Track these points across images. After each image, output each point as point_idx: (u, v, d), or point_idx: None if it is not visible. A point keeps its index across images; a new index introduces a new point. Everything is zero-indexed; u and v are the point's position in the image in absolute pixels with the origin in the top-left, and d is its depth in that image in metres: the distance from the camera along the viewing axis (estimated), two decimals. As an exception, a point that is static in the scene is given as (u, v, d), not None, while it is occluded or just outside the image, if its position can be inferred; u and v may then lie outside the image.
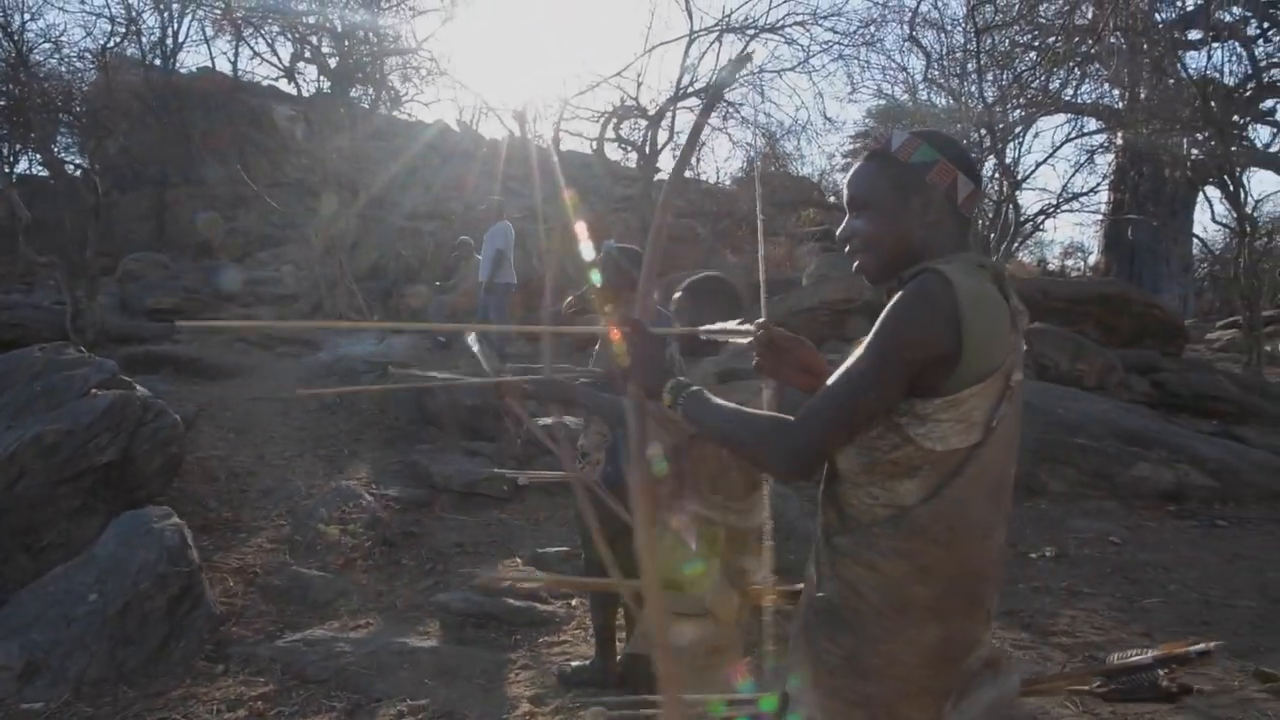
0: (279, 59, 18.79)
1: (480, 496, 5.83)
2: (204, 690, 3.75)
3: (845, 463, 1.48)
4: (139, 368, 8.04)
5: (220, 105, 16.93)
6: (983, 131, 12.43)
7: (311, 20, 14.39)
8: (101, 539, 4.44)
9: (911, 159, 1.48)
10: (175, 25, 13.72)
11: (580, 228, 1.95)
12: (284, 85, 20.15)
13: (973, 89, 13.21)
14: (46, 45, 12.15)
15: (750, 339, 1.90)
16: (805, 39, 12.28)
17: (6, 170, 12.69)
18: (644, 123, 13.91)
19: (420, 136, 15.95)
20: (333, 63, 19.04)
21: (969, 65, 13.33)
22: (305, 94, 16.83)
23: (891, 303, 1.39)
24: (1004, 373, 1.40)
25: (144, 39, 12.74)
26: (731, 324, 2.30)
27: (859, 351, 1.41)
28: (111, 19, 12.07)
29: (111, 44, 13.33)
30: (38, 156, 13.76)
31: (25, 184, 14.97)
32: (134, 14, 12.43)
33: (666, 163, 14.89)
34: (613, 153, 15.41)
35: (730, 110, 13.73)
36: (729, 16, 12.41)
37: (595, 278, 3.25)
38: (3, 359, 6.42)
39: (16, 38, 9.72)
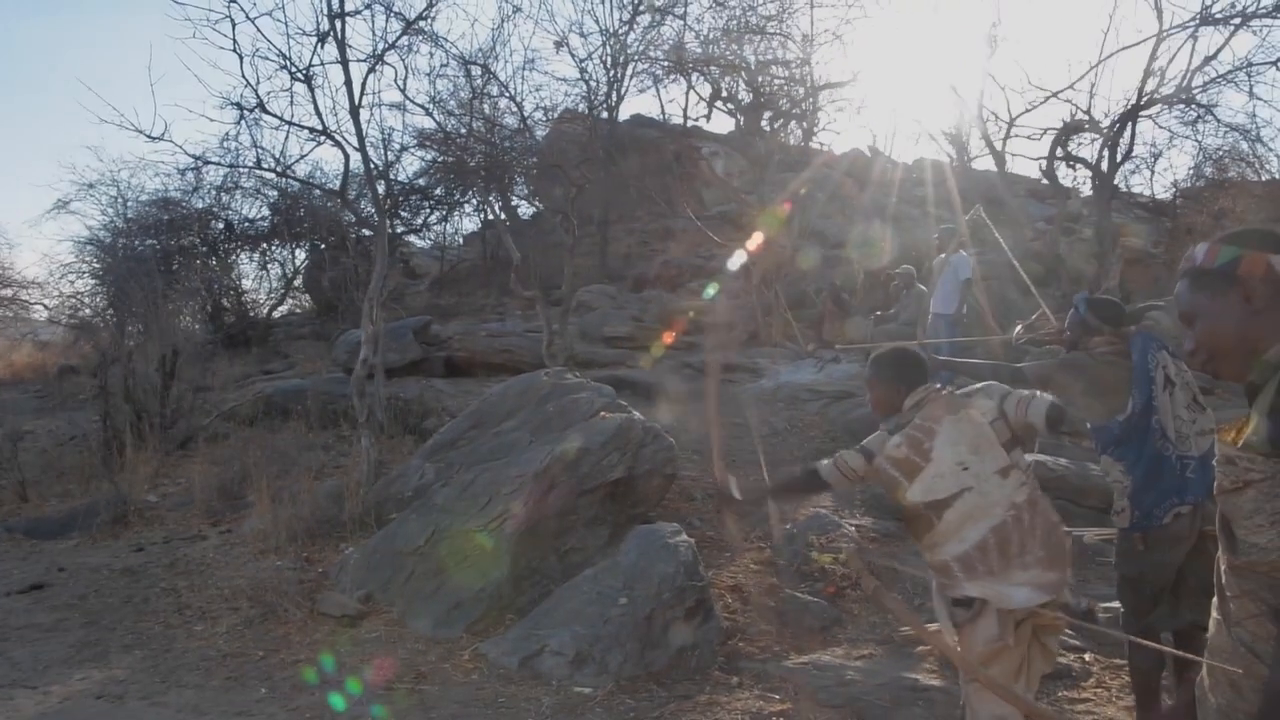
0: (701, 99, 20.21)
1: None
2: (725, 699, 4.05)
3: None
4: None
5: (649, 147, 18.46)
6: None
7: (741, 60, 15.20)
8: (623, 549, 5.00)
9: (1216, 264, 1.55)
10: (620, 80, 15.10)
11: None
12: (703, 124, 21.75)
13: None
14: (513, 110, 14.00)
15: None
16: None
17: (489, 217, 14.95)
18: (1096, 137, 12.74)
19: (838, 164, 16.17)
20: (748, 99, 20.10)
21: None
22: (723, 132, 17.77)
23: None
24: None
25: (594, 96, 14.15)
26: None
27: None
28: (588, 82, 13.62)
29: (568, 104, 15.09)
30: (499, 204, 15.95)
31: (491, 227, 17.60)
32: (590, 81, 13.93)
33: (1120, 180, 13.48)
34: (1062, 171, 14.26)
35: (1203, 114, 12.12)
36: (1208, 7, 10.79)
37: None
38: (518, 381, 7.54)
39: (518, 104, 11.40)
